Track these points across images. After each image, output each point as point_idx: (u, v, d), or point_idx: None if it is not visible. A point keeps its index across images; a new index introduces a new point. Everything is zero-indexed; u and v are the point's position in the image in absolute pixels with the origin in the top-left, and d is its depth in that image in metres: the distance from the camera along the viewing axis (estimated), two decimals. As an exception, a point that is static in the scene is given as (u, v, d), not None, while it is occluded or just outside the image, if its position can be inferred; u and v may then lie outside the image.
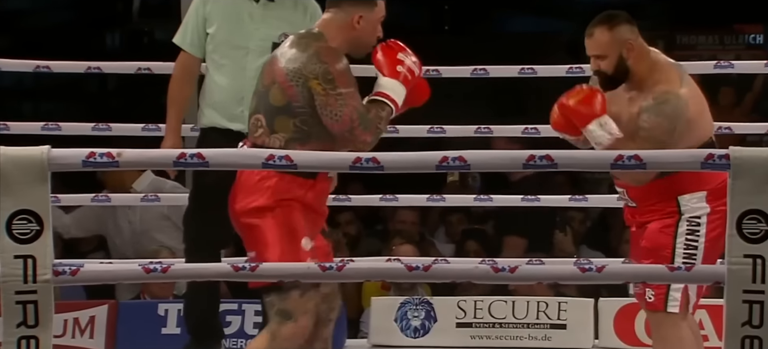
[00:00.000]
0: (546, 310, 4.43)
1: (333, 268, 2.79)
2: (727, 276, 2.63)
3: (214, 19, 3.77)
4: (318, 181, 3.21)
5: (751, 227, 2.62)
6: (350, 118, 3.14)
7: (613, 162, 2.71)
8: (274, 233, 3.14)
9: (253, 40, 3.75)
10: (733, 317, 2.64)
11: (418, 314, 4.45)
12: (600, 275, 2.80)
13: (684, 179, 3.20)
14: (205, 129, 3.82)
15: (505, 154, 2.80)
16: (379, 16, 3.28)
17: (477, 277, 2.94)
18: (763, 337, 2.62)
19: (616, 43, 3.26)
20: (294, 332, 3.15)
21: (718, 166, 2.66)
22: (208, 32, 3.79)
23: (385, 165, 2.72)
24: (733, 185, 2.63)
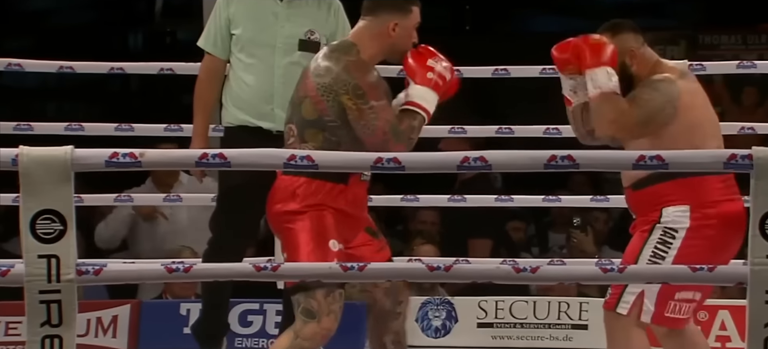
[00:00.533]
0: (567, 310, 4.43)
1: (354, 268, 2.80)
2: (750, 277, 2.62)
3: (239, 20, 3.80)
4: (350, 185, 3.25)
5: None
6: (383, 131, 3.19)
7: (635, 162, 2.70)
8: (304, 236, 3.19)
9: (279, 38, 3.77)
10: (756, 318, 2.63)
11: (439, 314, 4.45)
12: (621, 276, 2.80)
13: (669, 191, 3.18)
14: (232, 128, 3.84)
15: (525, 154, 2.79)
16: (414, 23, 3.33)
17: (498, 277, 2.93)
18: (787, 338, 2.61)
19: (619, 51, 3.27)
20: (315, 331, 3.18)
21: (740, 166, 2.65)
22: (234, 33, 3.81)
23: (407, 165, 2.73)
24: (755, 185, 2.62)
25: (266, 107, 3.75)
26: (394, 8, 3.29)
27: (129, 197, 4.58)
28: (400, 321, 3.39)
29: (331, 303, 3.19)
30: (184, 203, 4.64)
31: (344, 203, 3.25)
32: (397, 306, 3.37)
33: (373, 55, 3.29)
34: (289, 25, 3.77)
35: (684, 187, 3.17)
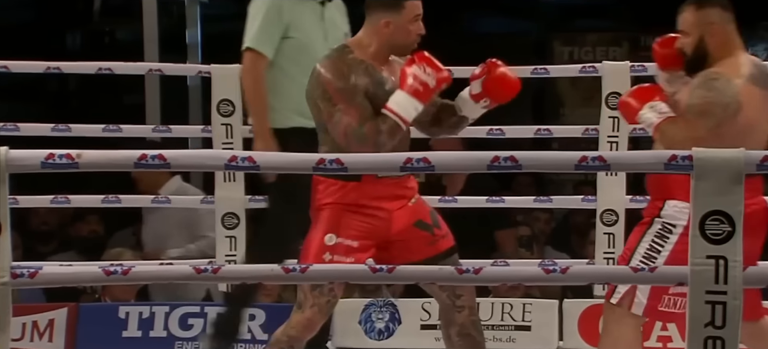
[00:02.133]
0: (510, 311, 4.45)
1: (296, 270, 2.79)
2: (690, 277, 2.66)
3: (294, 23, 3.86)
4: (363, 183, 3.31)
5: (713, 227, 2.65)
6: (345, 133, 3.28)
7: (578, 163, 2.73)
8: (315, 235, 3.34)
9: (327, 40, 3.88)
10: (696, 318, 2.66)
11: (383, 316, 4.46)
12: (564, 277, 2.82)
13: (675, 183, 3.15)
14: (286, 130, 3.88)
15: (469, 155, 2.81)
16: (409, 17, 3.36)
17: (440, 278, 2.95)
18: (726, 338, 2.64)
19: (700, 24, 3.24)
20: (300, 321, 3.34)
21: (681, 167, 2.68)
22: (291, 36, 3.86)
23: (349, 167, 2.73)
24: (696, 185, 2.65)
25: None
26: (386, 6, 3.36)
27: (66, 199, 4.53)
28: (464, 315, 3.44)
29: (316, 296, 3.32)
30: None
31: (360, 197, 3.33)
32: (456, 300, 3.43)
33: (373, 54, 3.37)
34: (333, 28, 3.91)
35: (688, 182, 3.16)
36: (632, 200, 4.38)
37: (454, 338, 3.46)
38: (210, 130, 4.44)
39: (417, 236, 3.39)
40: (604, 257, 4.34)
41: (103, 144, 4.53)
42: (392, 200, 3.38)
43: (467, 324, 3.44)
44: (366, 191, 3.34)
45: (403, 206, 3.40)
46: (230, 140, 4.38)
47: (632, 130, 4.37)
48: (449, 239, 3.45)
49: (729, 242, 2.63)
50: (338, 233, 3.31)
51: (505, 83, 3.40)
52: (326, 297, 3.33)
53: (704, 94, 3.15)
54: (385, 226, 3.37)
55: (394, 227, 3.38)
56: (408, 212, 3.41)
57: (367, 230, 3.35)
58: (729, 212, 2.63)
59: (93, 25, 9.34)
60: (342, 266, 3.17)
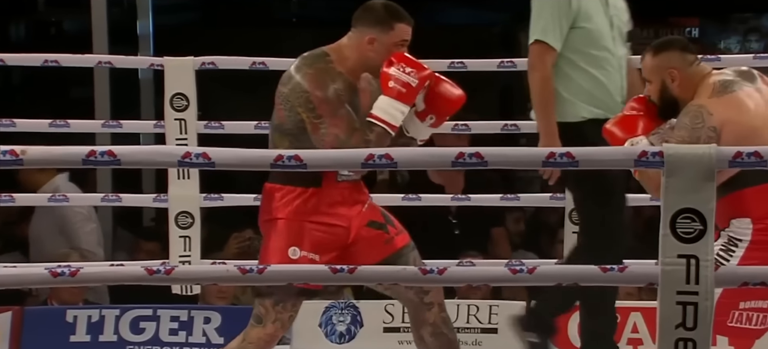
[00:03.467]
0: (477, 314, 4.47)
1: (253, 270, 2.79)
2: (661, 277, 2.68)
3: (583, 13, 3.82)
4: (324, 188, 3.32)
5: (684, 226, 2.67)
6: (331, 144, 3.27)
7: (545, 160, 2.74)
8: (273, 246, 3.32)
9: (614, 27, 3.86)
10: (666, 319, 2.68)
11: (344, 319, 4.46)
12: (531, 277, 2.83)
13: (734, 202, 3.20)
14: (579, 123, 3.82)
15: (434, 151, 2.82)
16: (394, 41, 3.35)
17: (405, 279, 2.96)
18: (697, 339, 2.67)
19: (659, 69, 3.32)
20: (261, 336, 3.33)
21: (651, 163, 2.71)
22: (582, 26, 3.82)
23: (309, 164, 2.73)
24: (666, 183, 2.67)
25: (617, 100, 3.80)
26: (374, 22, 3.35)
27: (10, 197, 4.49)
28: (435, 312, 3.45)
29: (279, 312, 3.31)
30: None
31: (319, 204, 3.33)
32: (424, 297, 3.44)
33: (350, 68, 3.35)
34: (618, 15, 3.88)
35: (744, 198, 3.19)
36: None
37: (428, 339, 3.48)
38: (163, 125, 4.41)
39: (372, 236, 3.41)
40: (574, 256, 4.36)
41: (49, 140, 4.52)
42: (350, 205, 3.39)
43: (439, 322, 3.45)
44: (325, 197, 3.34)
45: (359, 211, 3.42)
46: (184, 136, 4.36)
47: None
48: (404, 235, 3.46)
49: (700, 240, 2.65)
50: (301, 246, 3.31)
51: (447, 99, 3.39)
52: (289, 312, 3.34)
53: (680, 136, 3.21)
54: (345, 233, 3.38)
55: (351, 231, 3.40)
56: (362, 215, 3.42)
57: (328, 241, 3.35)
58: (700, 210, 2.65)
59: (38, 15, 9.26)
60: (301, 267, 3.17)
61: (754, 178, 3.16)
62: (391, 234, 3.43)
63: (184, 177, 4.36)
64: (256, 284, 3.21)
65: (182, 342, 4.38)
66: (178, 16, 8.73)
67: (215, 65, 4.40)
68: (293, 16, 9.21)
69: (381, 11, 3.36)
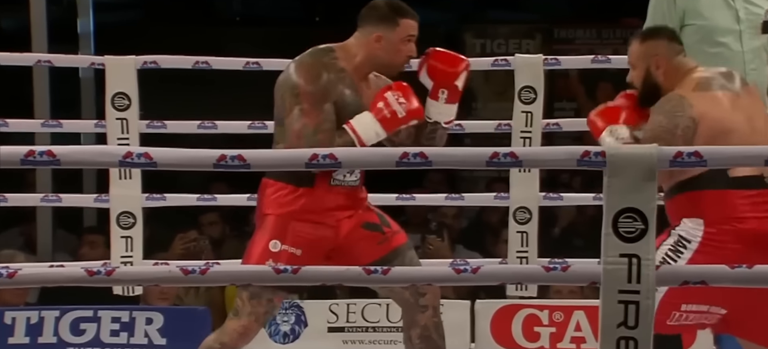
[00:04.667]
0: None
1: (196, 271, 2.76)
2: (603, 276, 2.69)
3: (695, 10, 3.77)
4: (315, 189, 3.34)
5: (626, 225, 2.68)
6: (298, 134, 3.29)
7: (489, 159, 2.75)
8: (257, 241, 3.36)
9: (742, 21, 3.79)
10: (608, 318, 2.70)
11: (288, 319, 4.45)
12: (475, 277, 2.84)
13: (688, 202, 3.21)
14: None
15: (377, 151, 2.82)
16: (401, 36, 3.38)
17: (349, 279, 2.95)
18: (639, 338, 2.69)
19: (645, 56, 3.32)
20: (235, 328, 3.37)
21: (594, 163, 2.72)
22: (692, 23, 3.78)
23: (253, 163, 2.71)
24: (609, 182, 2.69)
25: None
26: (380, 20, 3.37)
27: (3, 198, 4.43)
28: (427, 315, 3.46)
29: (255, 305, 3.34)
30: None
31: (309, 204, 3.34)
32: (419, 299, 3.44)
33: (356, 65, 3.38)
34: (750, 6, 3.80)
35: (701, 200, 3.19)
36: (546, 197, 4.44)
37: (415, 341, 3.49)
38: (104, 124, 4.37)
39: (365, 237, 3.42)
40: (517, 255, 4.38)
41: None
42: (342, 210, 3.40)
43: (430, 326, 3.46)
44: (316, 199, 3.35)
45: (352, 216, 3.43)
46: (126, 136, 4.32)
47: (545, 126, 4.43)
48: (401, 236, 3.47)
49: (642, 239, 2.67)
50: (283, 240, 3.33)
51: (445, 59, 3.43)
52: (264, 307, 3.36)
53: (659, 121, 3.22)
54: (332, 234, 3.39)
55: (341, 234, 3.40)
56: (356, 218, 3.43)
57: (313, 240, 3.36)
58: (642, 210, 2.67)
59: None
60: (245, 268, 3.15)
61: (714, 182, 3.18)
62: (386, 235, 3.44)
63: (125, 177, 4.32)
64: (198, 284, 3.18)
65: (124, 343, 4.34)
66: (120, 15, 8.64)
67: (157, 64, 4.36)
68: (237, 15, 9.17)
69: (385, 9, 3.39)
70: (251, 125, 4.43)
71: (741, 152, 2.85)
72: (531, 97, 4.35)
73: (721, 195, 3.18)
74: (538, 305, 4.43)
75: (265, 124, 4.41)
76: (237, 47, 4.10)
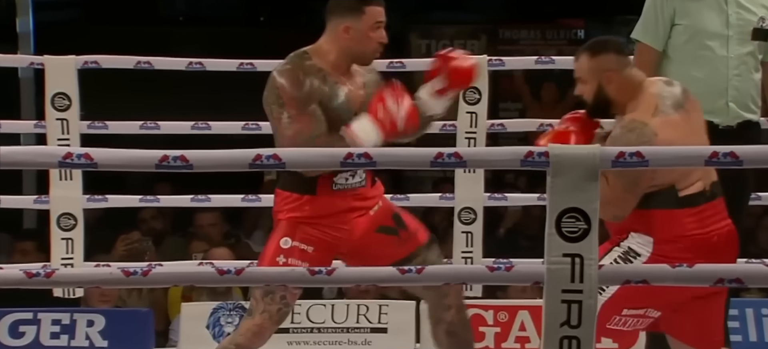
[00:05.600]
0: (366, 313, 4.48)
1: (137, 272, 2.74)
2: (547, 276, 2.71)
3: (684, 10, 3.75)
4: (318, 196, 3.36)
5: (569, 225, 2.70)
6: (292, 141, 3.29)
7: (433, 160, 2.76)
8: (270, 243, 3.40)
9: (731, 26, 3.77)
10: (551, 317, 2.72)
11: (232, 320, 4.43)
12: (420, 277, 2.84)
13: (636, 220, 3.24)
14: None
15: (322, 151, 2.81)
16: (369, 24, 3.37)
17: (290, 280, 2.94)
18: (581, 337, 2.71)
19: (596, 71, 3.32)
20: (250, 327, 3.38)
21: (537, 163, 2.74)
22: (680, 23, 3.76)
23: (195, 164, 2.70)
24: (552, 182, 2.70)
25: (719, 101, 3.74)
26: (346, 10, 3.37)
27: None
28: (452, 313, 3.47)
29: (268, 303, 3.35)
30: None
31: (314, 211, 3.36)
32: (443, 299, 3.46)
33: (333, 62, 3.38)
34: (743, 12, 3.78)
35: (651, 219, 3.22)
36: (491, 198, 4.46)
37: (442, 337, 3.51)
38: (44, 125, 4.32)
39: (382, 241, 3.43)
40: (462, 256, 4.41)
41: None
42: (350, 212, 3.41)
43: (455, 322, 3.49)
44: (321, 206, 3.36)
45: (364, 215, 3.43)
46: (66, 136, 4.28)
47: (490, 126, 4.45)
48: (420, 235, 3.47)
49: (585, 239, 2.69)
50: (294, 237, 3.35)
51: (464, 72, 3.43)
52: (278, 305, 3.36)
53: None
54: (345, 237, 3.40)
55: (355, 236, 3.41)
56: (369, 220, 3.44)
57: (325, 240, 3.37)
58: (585, 210, 2.69)
59: None
60: (185, 269, 3.13)
61: (665, 202, 3.22)
62: (402, 238, 3.45)
63: (66, 178, 4.28)
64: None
65: (65, 346, 4.30)
66: (60, 14, 8.55)
67: (98, 64, 4.32)
68: (180, 15, 9.11)
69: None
70: (195, 126, 4.41)
71: (681, 153, 2.88)
72: (475, 98, 4.37)
73: (671, 215, 3.22)
74: (483, 305, 4.45)
75: (209, 125, 4.39)
76: (180, 47, 4.07)
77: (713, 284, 2.79)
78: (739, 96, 3.77)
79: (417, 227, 3.50)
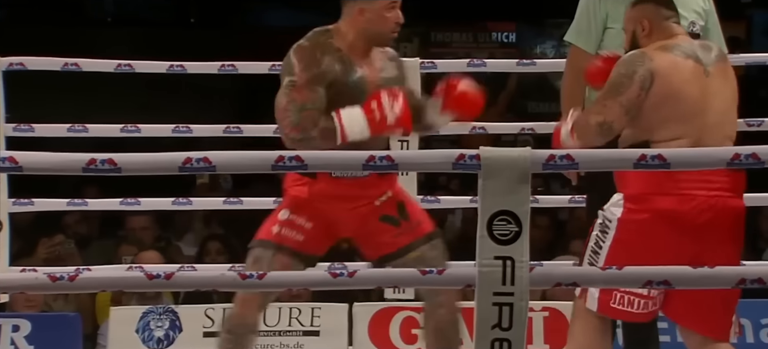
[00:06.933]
0: (299, 316, 4.46)
1: (64, 278, 2.69)
2: (478, 278, 2.71)
3: (617, 14, 3.73)
4: (318, 181, 3.39)
5: (501, 228, 2.71)
6: (285, 107, 3.32)
7: (365, 163, 2.75)
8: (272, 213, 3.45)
9: None
10: (483, 320, 2.72)
11: (162, 324, 4.38)
12: (352, 280, 2.83)
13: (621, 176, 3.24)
14: None
15: (252, 154, 2.78)
16: (384, 4, 3.40)
17: (223, 285, 2.91)
18: (513, 339, 2.71)
19: (634, 20, 3.37)
20: (239, 295, 3.43)
21: (468, 166, 2.74)
22: (613, 27, 3.76)
23: (124, 167, 2.66)
24: (483, 185, 2.71)
25: None
26: None
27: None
28: (443, 312, 3.50)
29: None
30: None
31: (312, 196, 3.39)
32: (436, 297, 3.49)
33: (351, 42, 3.41)
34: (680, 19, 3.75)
35: (628, 173, 3.18)
36: (424, 200, 4.47)
37: (430, 334, 3.54)
38: (-31, 128, 4.24)
39: (382, 230, 3.45)
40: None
41: None
42: (348, 200, 3.42)
43: (445, 321, 3.51)
44: (318, 189, 3.39)
45: (367, 204, 3.44)
46: (-10, 139, 4.20)
47: (422, 129, 4.45)
48: (420, 229, 3.48)
49: (516, 242, 2.70)
50: (293, 210, 3.40)
51: (465, 104, 3.49)
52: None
53: (618, 70, 3.27)
54: (343, 222, 3.42)
55: (356, 223, 3.43)
56: (372, 209, 3.45)
57: (321, 222, 3.41)
58: (516, 212, 2.70)
59: None
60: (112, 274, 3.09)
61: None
62: (402, 228, 3.46)
63: (-9, 182, 4.20)
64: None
65: (-11, 352, 4.23)
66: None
67: (24, 66, 4.25)
68: (109, 16, 8.99)
69: None
70: (124, 128, 4.35)
71: (611, 155, 2.90)
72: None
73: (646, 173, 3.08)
74: (415, 307, 4.45)
75: (138, 128, 4.33)
76: (109, 48, 4.01)
77: (641, 286, 2.82)
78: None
79: (421, 221, 3.52)
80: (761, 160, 2.66)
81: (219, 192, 6.29)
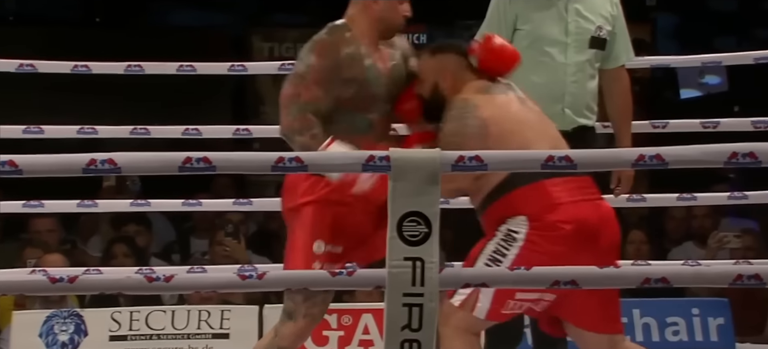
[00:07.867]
0: (208, 319, 4.44)
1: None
2: (388, 280, 2.72)
3: (527, 16, 3.76)
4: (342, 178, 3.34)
5: (411, 228, 2.72)
6: (288, 96, 3.34)
7: (274, 164, 2.73)
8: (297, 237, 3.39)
9: (570, 34, 3.78)
10: (393, 321, 2.73)
11: (67, 328, 4.32)
12: (261, 283, 2.82)
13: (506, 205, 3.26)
14: None
15: (159, 156, 2.74)
16: None
17: (129, 288, 2.87)
18: (422, 340, 2.73)
19: (434, 70, 3.40)
20: (292, 331, 3.37)
21: (379, 167, 2.75)
22: (521, 29, 3.76)
23: (25, 169, 2.60)
24: (393, 186, 2.72)
25: (556, 107, 3.78)
26: None
27: None
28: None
29: (309, 307, 3.35)
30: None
31: (335, 191, 3.34)
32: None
33: (364, 32, 3.42)
34: (580, 20, 3.81)
35: (517, 199, 3.23)
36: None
37: None
38: None
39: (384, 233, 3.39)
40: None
41: None
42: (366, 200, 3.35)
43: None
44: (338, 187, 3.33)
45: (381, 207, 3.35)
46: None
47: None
48: None
49: (426, 243, 2.71)
50: (325, 239, 3.37)
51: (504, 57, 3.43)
52: (318, 307, 3.37)
53: (449, 128, 3.30)
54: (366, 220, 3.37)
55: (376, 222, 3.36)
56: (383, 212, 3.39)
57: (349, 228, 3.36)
58: (425, 213, 2.71)
59: None
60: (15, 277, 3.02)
61: (523, 179, 3.23)
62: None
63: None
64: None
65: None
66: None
67: None
68: (10, 14, 8.80)
69: None
70: (27, 130, 4.26)
71: (520, 157, 2.93)
72: None
73: (534, 188, 3.24)
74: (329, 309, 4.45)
75: (42, 129, 4.25)
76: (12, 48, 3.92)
77: (549, 286, 2.85)
78: (575, 102, 3.87)
79: None
80: (665, 161, 2.71)
81: (126, 195, 6.21)
